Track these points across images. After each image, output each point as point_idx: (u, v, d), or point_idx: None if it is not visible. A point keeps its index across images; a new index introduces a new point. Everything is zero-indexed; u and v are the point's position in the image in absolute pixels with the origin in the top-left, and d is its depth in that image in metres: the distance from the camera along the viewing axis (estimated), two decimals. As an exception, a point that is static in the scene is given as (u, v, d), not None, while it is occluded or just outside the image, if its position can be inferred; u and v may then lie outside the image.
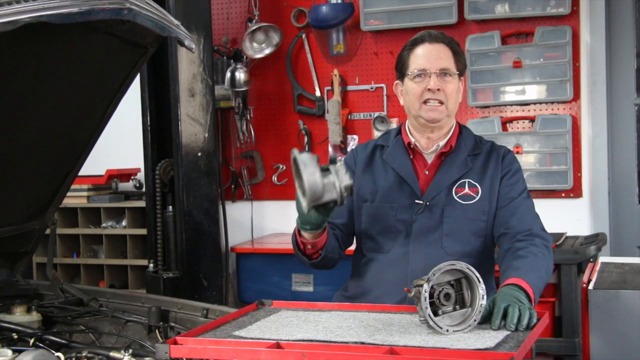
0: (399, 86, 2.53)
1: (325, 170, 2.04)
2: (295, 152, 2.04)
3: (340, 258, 2.52)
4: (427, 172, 2.49)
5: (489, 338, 1.81)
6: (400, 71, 2.50)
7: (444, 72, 2.42)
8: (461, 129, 2.55)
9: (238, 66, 4.82)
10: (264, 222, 5.07)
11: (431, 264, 1.96)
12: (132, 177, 5.21)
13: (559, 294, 3.83)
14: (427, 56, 2.43)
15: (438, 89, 2.41)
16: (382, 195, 2.49)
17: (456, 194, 2.45)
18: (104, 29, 2.23)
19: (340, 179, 2.03)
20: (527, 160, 4.43)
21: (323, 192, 2.02)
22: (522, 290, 2.09)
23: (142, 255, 4.87)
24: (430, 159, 2.50)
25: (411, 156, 2.51)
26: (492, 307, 1.94)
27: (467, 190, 2.45)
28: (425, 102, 2.43)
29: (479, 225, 2.44)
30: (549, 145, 4.41)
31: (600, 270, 3.23)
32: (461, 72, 2.48)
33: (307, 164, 2.01)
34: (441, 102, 2.42)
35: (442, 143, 2.49)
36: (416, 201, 2.45)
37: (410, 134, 2.53)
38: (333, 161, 2.07)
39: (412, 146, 2.50)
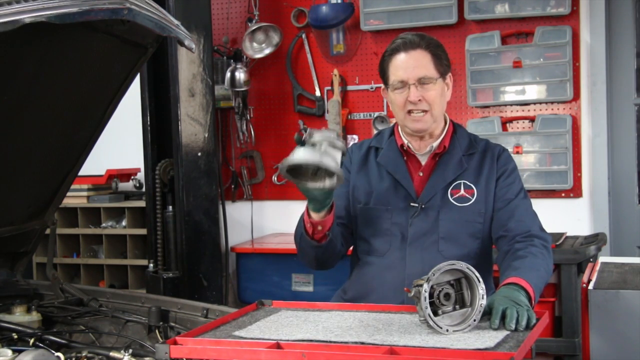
0: (386, 92, 2.50)
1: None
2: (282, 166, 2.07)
3: (341, 253, 2.49)
4: (421, 174, 2.46)
5: (489, 338, 1.81)
6: (383, 79, 2.48)
7: (422, 81, 2.38)
8: (455, 128, 2.52)
9: (238, 66, 4.82)
10: (264, 222, 5.07)
11: (428, 268, 1.95)
12: (132, 177, 5.21)
13: (559, 294, 3.83)
14: (404, 66, 2.38)
15: (419, 100, 2.37)
16: (377, 198, 2.47)
17: (452, 196, 2.42)
18: (104, 29, 2.23)
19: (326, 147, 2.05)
20: (527, 160, 4.43)
21: (320, 158, 2.04)
22: (521, 290, 2.08)
23: (142, 255, 4.87)
24: (424, 160, 2.48)
25: (405, 158, 2.49)
26: (490, 310, 1.94)
27: (462, 192, 2.43)
28: (409, 112, 2.40)
29: (476, 227, 2.42)
30: (549, 145, 4.41)
31: (600, 270, 3.24)
32: (444, 72, 2.42)
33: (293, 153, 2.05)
34: (425, 111, 2.39)
35: (435, 144, 2.46)
36: (411, 204, 2.43)
37: (403, 135, 2.50)
38: (305, 133, 2.08)
39: (405, 148, 2.48)
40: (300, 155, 2.03)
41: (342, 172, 2.08)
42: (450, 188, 2.43)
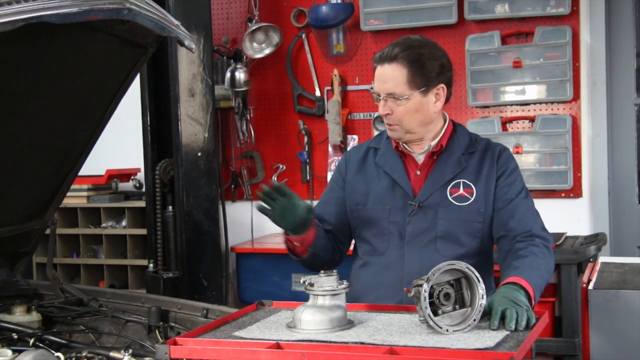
0: None
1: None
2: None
3: (334, 259, 2.53)
4: (418, 173, 2.46)
5: (489, 338, 1.81)
6: None
7: (392, 96, 2.36)
8: (455, 127, 2.51)
9: (238, 66, 4.82)
10: (264, 222, 5.02)
11: (426, 266, 1.95)
12: (132, 177, 5.21)
13: (559, 294, 3.83)
14: (378, 79, 2.40)
15: (387, 114, 2.39)
16: (375, 198, 2.47)
17: (450, 194, 2.41)
18: (104, 29, 2.23)
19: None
20: (527, 160, 4.43)
21: (331, 325, 1.98)
22: (521, 289, 2.08)
23: (142, 255, 4.87)
24: (420, 159, 2.47)
25: (402, 157, 2.49)
26: (490, 310, 1.94)
27: (461, 191, 2.42)
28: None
29: (475, 226, 2.41)
30: (549, 145, 4.41)
31: (600, 270, 3.24)
32: (423, 85, 2.35)
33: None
34: (396, 124, 2.40)
35: (433, 143, 2.46)
36: (409, 202, 2.43)
37: None
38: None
39: (400, 149, 2.48)
40: (311, 328, 1.95)
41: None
42: (450, 187, 2.42)
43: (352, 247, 2.63)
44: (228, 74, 4.81)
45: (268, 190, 2.28)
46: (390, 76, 2.36)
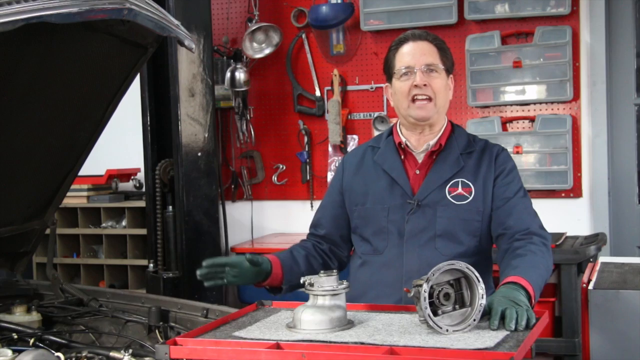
0: (388, 89, 2.53)
1: None
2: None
3: (337, 268, 2.57)
4: (417, 172, 2.47)
5: (489, 338, 1.81)
6: (388, 72, 2.51)
7: (429, 68, 2.41)
8: (453, 127, 2.53)
9: (238, 66, 4.82)
10: (264, 222, 5.07)
11: (425, 265, 1.95)
12: (132, 177, 5.21)
13: (559, 294, 3.83)
14: (411, 53, 2.43)
15: (425, 85, 2.40)
16: (374, 197, 2.48)
17: (449, 193, 2.42)
18: (104, 29, 2.23)
19: None
20: (527, 160, 4.43)
21: (331, 325, 1.99)
22: (521, 289, 2.08)
23: (142, 255, 4.87)
24: (420, 158, 2.48)
25: (402, 156, 2.50)
26: (490, 310, 1.94)
27: (460, 190, 2.43)
28: (413, 100, 2.42)
29: (474, 225, 2.42)
30: (549, 145, 4.41)
31: (600, 270, 3.24)
32: (448, 68, 2.46)
33: None
34: (429, 99, 2.41)
35: (432, 142, 2.47)
36: (407, 201, 2.44)
37: (401, 133, 2.52)
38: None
39: (402, 146, 2.49)
40: (311, 328, 1.95)
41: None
42: (448, 186, 2.43)
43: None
44: (228, 74, 4.81)
45: (206, 272, 2.32)
46: (428, 50, 2.44)
